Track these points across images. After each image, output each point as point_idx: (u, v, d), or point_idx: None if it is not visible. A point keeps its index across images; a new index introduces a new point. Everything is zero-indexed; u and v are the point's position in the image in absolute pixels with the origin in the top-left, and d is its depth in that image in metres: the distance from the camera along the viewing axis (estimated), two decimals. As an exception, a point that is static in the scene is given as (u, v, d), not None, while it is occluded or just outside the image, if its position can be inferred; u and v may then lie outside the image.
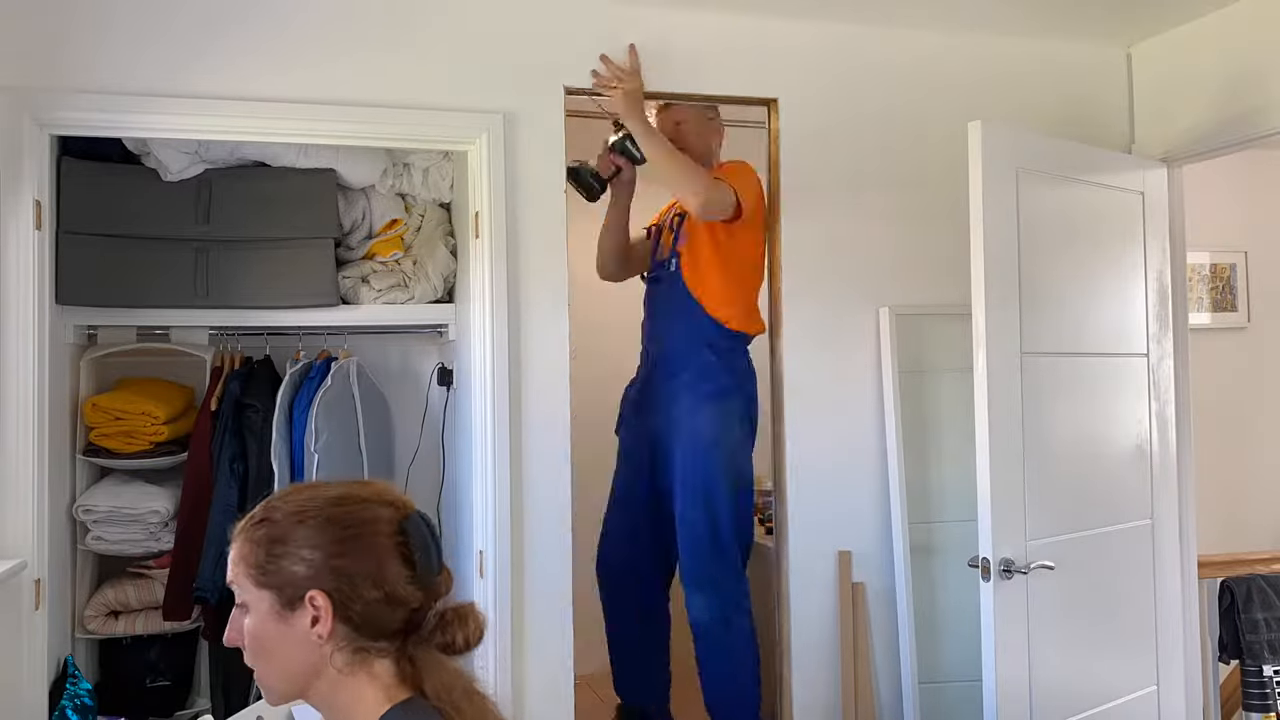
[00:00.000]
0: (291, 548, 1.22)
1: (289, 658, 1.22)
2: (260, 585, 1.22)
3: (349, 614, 1.21)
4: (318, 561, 1.21)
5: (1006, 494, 2.48)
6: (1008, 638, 2.46)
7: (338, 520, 1.24)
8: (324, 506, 1.25)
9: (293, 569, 1.21)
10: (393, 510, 1.26)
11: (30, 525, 2.34)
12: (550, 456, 2.70)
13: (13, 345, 2.34)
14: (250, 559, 1.23)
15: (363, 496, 1.28)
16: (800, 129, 2.92)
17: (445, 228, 3.13)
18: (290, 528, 1.23)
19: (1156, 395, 2.92)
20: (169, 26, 2.47)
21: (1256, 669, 3.11)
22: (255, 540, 1.24)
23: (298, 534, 1.22)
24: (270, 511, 1.26)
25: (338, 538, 1.22)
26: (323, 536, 1.22)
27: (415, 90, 2.62)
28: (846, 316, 2.95)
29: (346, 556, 1.22)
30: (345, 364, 2.92)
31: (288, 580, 1.21)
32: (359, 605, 1.21)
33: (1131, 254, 2.90)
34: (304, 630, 1.21)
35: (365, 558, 1.22)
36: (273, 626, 1.22)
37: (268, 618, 1.22)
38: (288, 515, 1.24)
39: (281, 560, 1.22)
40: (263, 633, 1.22)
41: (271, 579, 1.22)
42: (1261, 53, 2.76)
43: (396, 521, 1.25)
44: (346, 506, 1.26)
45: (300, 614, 1.21)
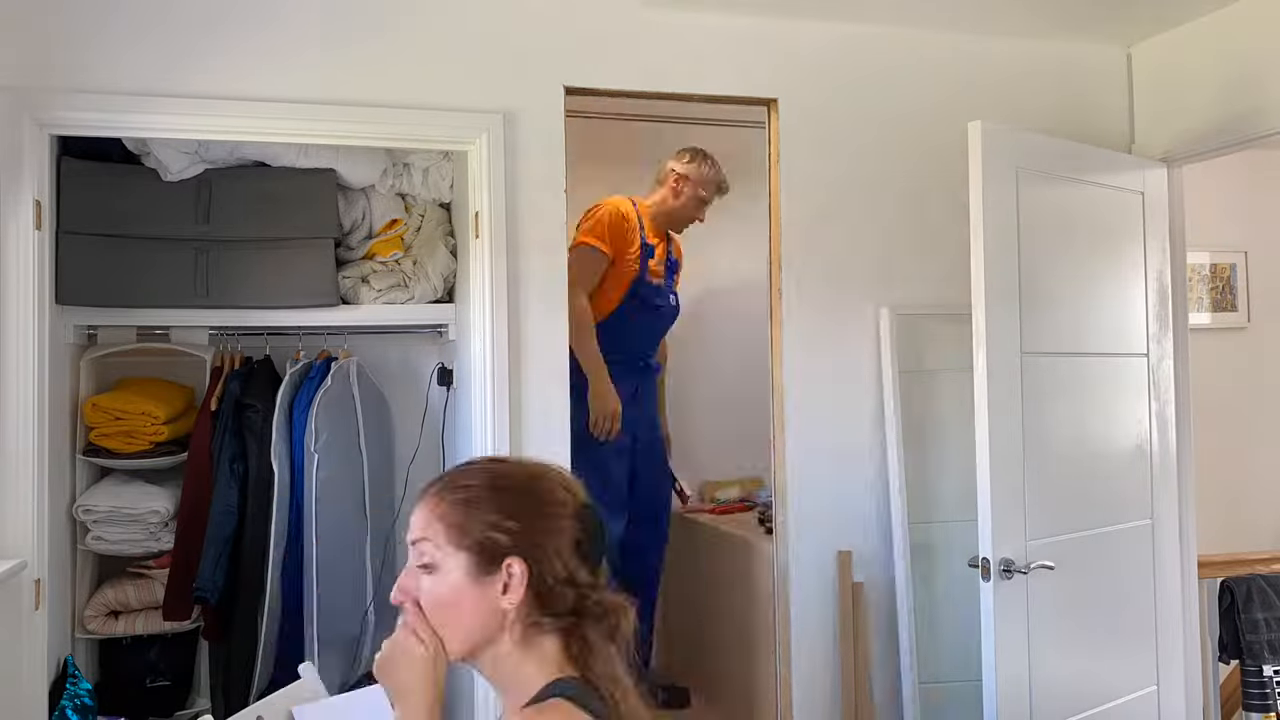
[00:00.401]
0: (493, 515, 1.24)
1: (474, 620, 1.23)
2: (459, 546, 1.23)
3: (540, 584, 1.23)
4: (517, 530, 1.23)
5: (1006, 494, 2.48)
6: (1008, 638, 2.46)
7: (534, 494, 1.27)
8: (521, 479, 1.29)
9: (493, 535, 1.23)
10: (572, 496, 1.30)
11: (30, 525, 2.34)
12: (550, 456, 2.68)
13: (13, 345, 2.34)
14: (451, 518, 1.24)
15: (551, 477, 1.31)
16: (800, 129, 2.92)
17: (445, 228, 3.13)
18: (491, 494, 1.26)
19: (1156, 395, 2.92)
20: (169, 26, 2.47)
21: (1256, 669, 3.11)
22: (456, 502, 1.25)
23: (499, 501, 1.25)
24: (465, 479, 1.28)
25: (535, 511, 1.25)
26: (520, 506, 1.25)
27: (415, 90, 2.62)
28: (846, 316, 2.95)
29: (542, 532, 1.24)
30: (345, 364, 2.92)
31: (488, 544, 1.23)
32: (550, 578, 1.23)
33: (1131, 254, 2.90)
34: (494, 596, 1.22)
35: (556, 535, 1.25)
36: (464, 588, 1.23)
37: (461, 579, 1.23)
38: (485, 485, 1.27)
39: (483, 526, 1.23)
40: (451, 594, 1.23)
41: (472, 541, 1.23)
42: (1261, 53, 2.76)
43: (576, 507, 1.29)
44: (542, 483, 1.29)
45: (494, 579, 1.22)
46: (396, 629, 1.28)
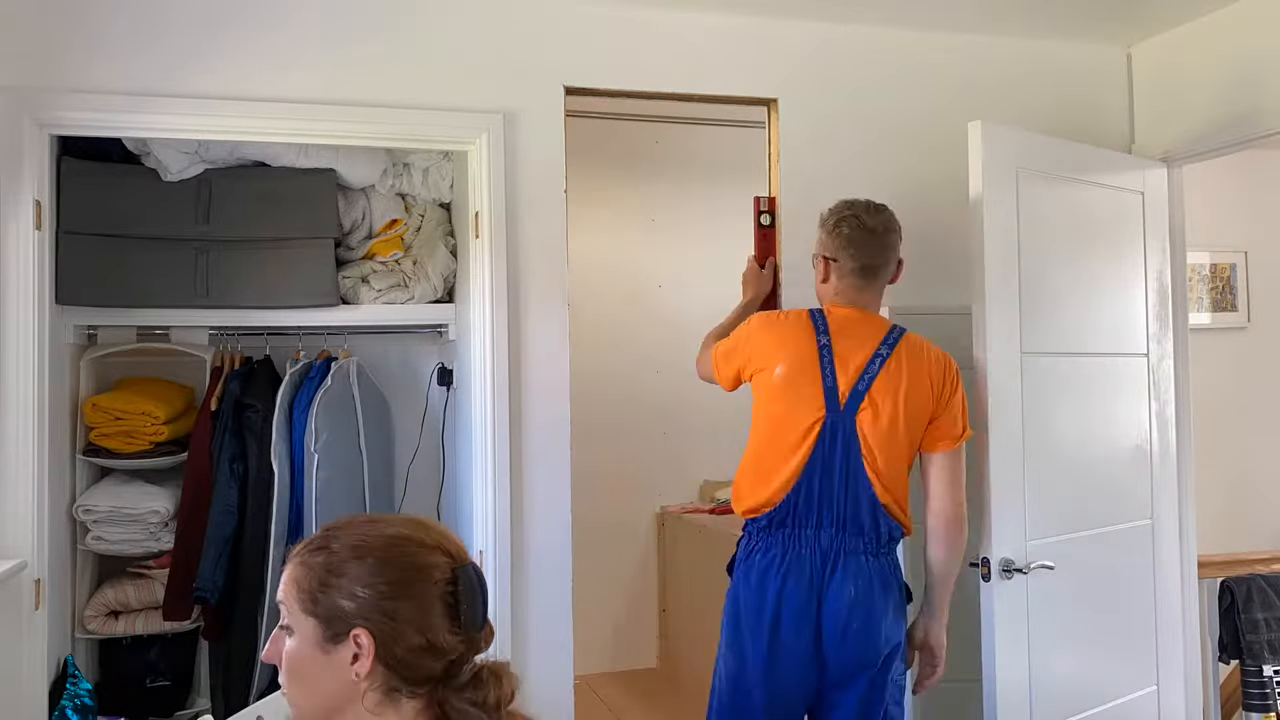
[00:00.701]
0: (345, 582, 1.22)
1: (323, 687, 1.22)
2: (308, 612, 1.22)
3: (390, 656, 1.20)
4: (368, 600, 1.21)
5: (1007, 494, 2.48)
6: (1008, 638, 2.46)
7: (394, 562, 1.23)
8: (383, 546, 1.25)
9: (342, 603, 1.21)
10: (447, 559, 1.26)
11: (30, 525, 2.34)
12: (550, 456, 2.70)
13: (13, 345, 2.34)
14: (303, 584, 1.23)
15: (421, 540, 1.27)
16: (800, 129, 2.92)
17: (445, 228, 3.13)
18: (346, 561, 1.23)
19: (1156, 395, 2.92)
20: (169, 26, 2.47)
21: (1256, 669, 3.11)
22: (310, 566, 1.24)
23: (353, 569, 1.22)
24: (330, 541, 1.26)
25: (391, 579, 1.22)
26: (377, 576, 1.22)
27: (415, 90, 2.62)
28: (846, 316, 2.94)
29: (396, 600, 1.21)
30: (345, 364, 2.92)
31: (336, 613, 1.21)
32: (400, 649, 1.21)
33: (1131, 254, 2.90)
34: (343, 664, 1.21)
35: (414, 603, 1.22)
36: (313, 655, 1.22)
37: (310, 645, 1.22)
38: (346, 548, 1.24)
39: (333, 592, 1.22)
40: (302, 659, 1.23)
41: (320, 609, 1.22)
42: (1261, 53, 2.76)
43: (450, 570, 1.25)
44: (405, 548, 1.25)
45: (343, 648, 1.21)
46: None
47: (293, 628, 1.24)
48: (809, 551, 2.24)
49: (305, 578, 1.23)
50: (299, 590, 1.23)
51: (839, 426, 2.25)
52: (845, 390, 2.26)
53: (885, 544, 2.27)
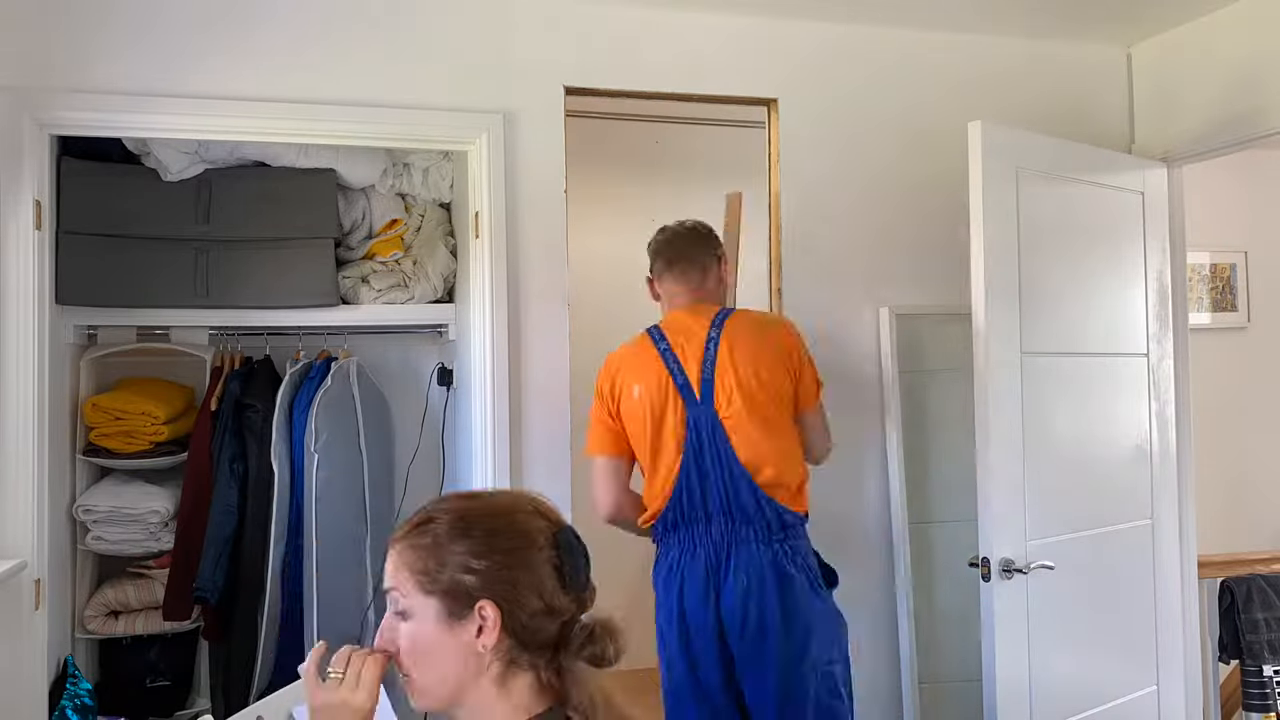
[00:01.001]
0: (459, 557, 1.22)
1: (451, 665, 1.22)
2: (427, 592, 1.22)
3: (514, 624, 1.21)
4: (486, 571, 1.21)
5: (1007, 494, 2.48)
6: (1008, 638, 2.46)
7: (502, 531, 1.25)
8: (487, 516, 1.26)
9: (462, 577, 1.21)
10: (547, 523, 1.28)
11: (30, 525, 2.34)
12: (550, 456, 2.70)
13: (13, 345, 2.34)
14: (416, 565, 1.23)
15: (521, 507, 1.29)
16: (800, 129, 2.92)
17: (445, 228, 3.13)
18: (457, 536, 1.23)
19: (1156, 395, 2.92)
20: (169, 26, 2.47)
21: (1256, 669, 3.11)
22: (420, 548, 1.24)
23: (463, 544, 1.23)
24: (434, 520, 1.26)
25: (504, 548, 1.23)
26: (488, 546, 1.23)
27: (415, 90, 2.62)
28: (847, 316, 2.95)
29: (513, 568, 1.22)
30: (345, 364, 2.92)
31: (457, 588, 1.21)
32: (524, 615, 1.22)
33: (1131, 254, 2.90)
34: (469, 639, 1.21)
35: (528, 569, 1.23)
36: (438, 634, 1.22)
37: (433, 625, 1.22)
38: (453, 523, 1.25)
39: (449, 569, 1.22)
40: (426, 640, 1.22)
41: (440, 586, 1.22)
42: (1261, 53, 2.76)
43: (551, 534, 1.27)
44: (508, 517, 1.27)
45: (467, 623, 1.21)
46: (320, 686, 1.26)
47: (409, 611, 1.23)
48: (702, 548, 2.27)
49: (418, 559, 1.23)
50: (413, 572, 1.23)
51: (701, 418, 2.28)
52: (696, 383, 2.30)
53: (778, 530, 2.26)
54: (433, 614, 1.22)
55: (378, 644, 1.27)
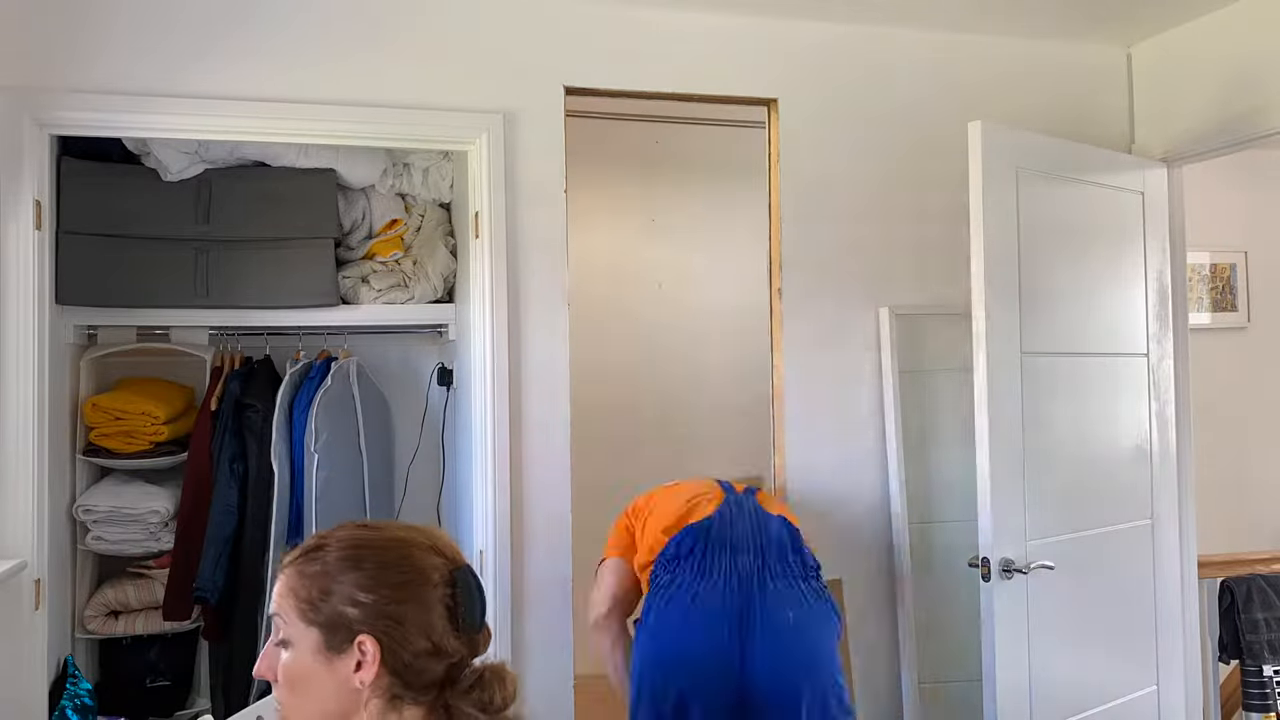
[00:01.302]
0: (345, 588, 1.18)
1: (325, 699, 1.18)
2: (309, 622, 1.19)
3: (395, 662, 1.17)
4: (371, 605, 1.18)
5: (1006, 494, 2.48)
6: (1008, 638, 2.46)
7: (393, 565, 1.21)
8: (380, 549, 1.22)
9: (345, 610, 1.18)
10: (443, 560, 1.24)
11: (30, 525, 2.34)
12: (550, 456, 2.70)
13: (13, 345, 2.34)
14: (300, 593, 1.20)
15: (417, 542, 1.25)
16: (800, 129, 2.92)
17: (445, 228, 3.13)
18: (345, 567, 1.20)
19: (1156, 395, 2.92)
20: (169, 26, 2.47)
21: (1256, 669, 3.11)
22: (307, 575, 1.20)
23: (352, 575, 1.19)
24: (324, 548, 1.22)
25: (392, 582, 1.19)
26: (377, 580, 1.19)
27: (415, 90, 2.62)
28: (846, 316, 2.95)
29: (400, 603, 1.18)
30: (345, 364, 2.92)
31: (339, 621, 1.18)
32: (406, 654, 1.18)
33: (1131, 254, 2.90)
34: (347, 673, 1.18)
35: (417, 606, 1.19)
36: (314, 666, 1.18)
37: (311, 656, 1.18)
38: (343, 553, 1.21)
39: (334, 599, 1.18)
40: (302, 671, 1.19)
41: (322, 617, 1.18)
42: (1261, 53, 2.76)
43: (448, 571, 1.23)
44: (401, 551, 1.23)
45: (346, 657, 1.18)
46: None
47: (290, 640, 1.20)
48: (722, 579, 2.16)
49: (303, 587, 1.20)
50: (297, 600, 1.20)
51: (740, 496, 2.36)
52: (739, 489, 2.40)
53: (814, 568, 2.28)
54: (311, 644, 1.18)
55: (257, 670, 1.24)
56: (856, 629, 2.90)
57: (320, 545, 1.23)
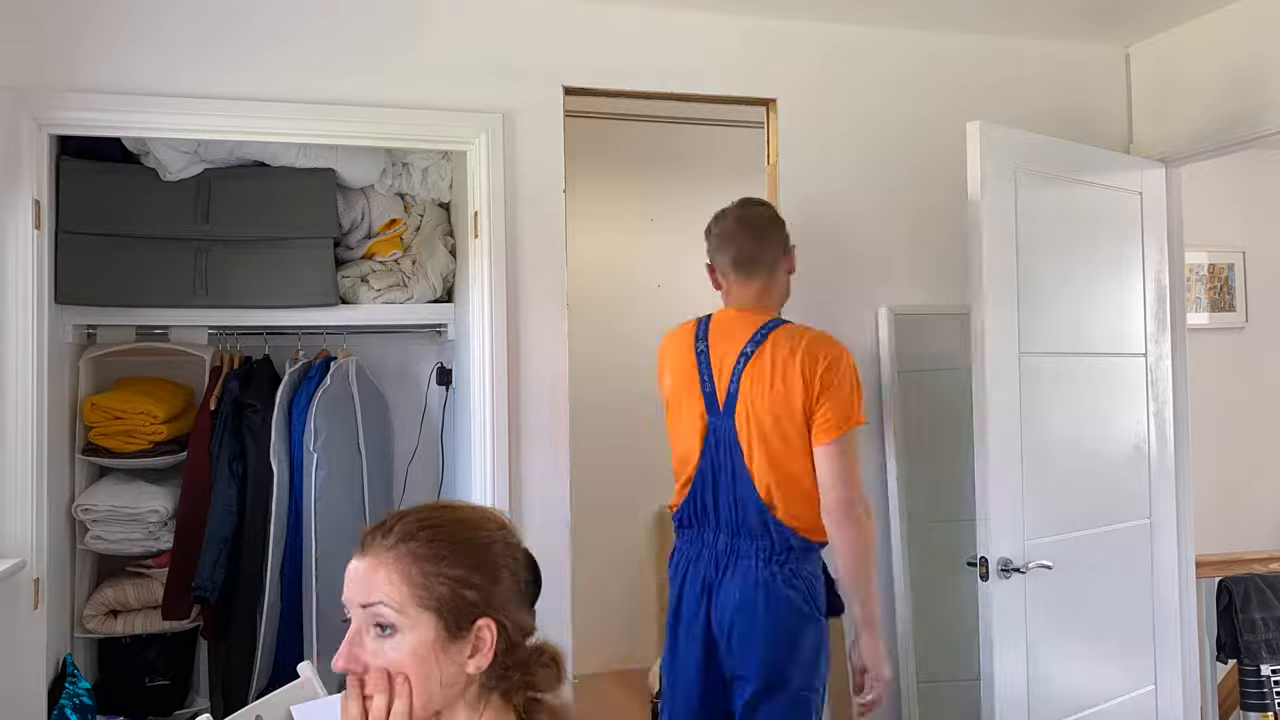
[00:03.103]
0: (459, 570, 1.13)
1: (433, 690, 1.11)
2: (424, 606, 1.11)
3: (505, 646, 1.13)
4: (485, 587, 1.13)
5: (1005, 494, 2.49)
6: (1006, 637, 2.46)
7: (490, 544, 1.16)
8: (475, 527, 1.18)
9: (464, 593, 1.12)
10: (517, 539, 1.22)
11: (29, 524, 2.34)
12: (549, 455, 2.70)
13: (12, 345, 2.34)
14: (414, 578, 1.12)
15: (499, 522, 1.22)
16: (800, 129, 2.92)
17: (444, 227, 3.13)
18: (454, 549, 1.14)
19: (1154, 395, 2.93)
20: (168, 26, 2.47)
21: (1254, 668, 3.11)
22: (420, 557, 1.12)
23: (462, 556, 1.14)
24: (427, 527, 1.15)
25: (495, 563, 1.15)
26: (483, 560, 1.15)
27: (415, 90, 2.62)
28: (846, 316, 2.95)
29: (506, 586, 1.15)
30: (344, 363, 2.92)
31: (458, 604, 1.12)
32: (516, 636, 1.14)
33: (1129, 254, 2.91)
34: (462, 660, 1.12)
35: (512, 586, 1.16)
36: (430, 653, 1.11)
37: (428, 643, 1.11)
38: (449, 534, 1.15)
39: (450, 582, 1.12)
40: (416, 660, 1.10)
41: (437, 601, 1.12)
42: (1260, 53, 2.76)
43: (522, 551, 1.20)
44: (489, 531, 1.19)
45: (463, 642, 1.12)
46: None
47: (399, 626, 1.11)
48: (708, 552, 2.24)
49: (419, 571, 1.12)
50: (411, 585, 1.11)
51: (721, 429, 2.23)
52: (722, 393, 2.24)
53: (783, 552, 2.18)
54: (428, 630, 1.11)
55: (341, 664, 1.13)
56: (855, 628, 2.90)
57: (418, 525, 1.15)
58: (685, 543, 2.31)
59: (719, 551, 2.23)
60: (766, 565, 2.17)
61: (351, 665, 1.12)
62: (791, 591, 2.17)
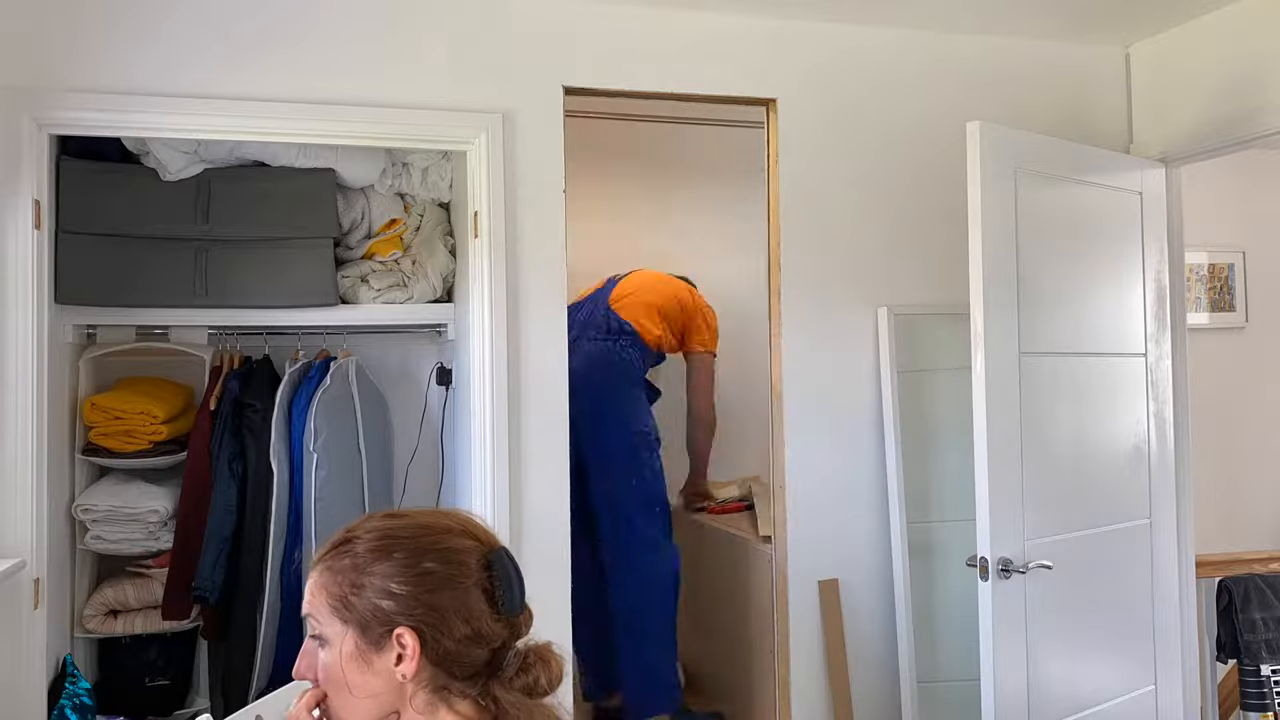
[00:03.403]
0: (378, 580, 1.15)
1: (370, 696, 1.15)
2: (344, 620, 1.16)
3: (437, 651, 1.14)
4: (406, 595, 1.14)
5: (1005, 494, 2.48)
6: (1006, 637, 2.46)
7: (425, 551, 1.17)
8: (411, 536, 1.19)
9: (380, 603, 1.14)
10: (477, 543, 1.21)
11: (29, 524, 2.34)
12: (549, 455, 2.70)
13: (12, 345, 2.34)
14: (333, 590, 1.16)
15: (448, 527, 1.22)
16: (800, 129, 2.92)
17: (444, 227, 3.13)
18: (375, 558, 1.16)
19: (1154, 395, 2.93)
20: (168, 26, 2.47)
21: (1254, 668, 3.11)
22: (338, 571, 1.17)
23: (383, 566, 1.16)
24: (353, 540, 1.19)
25: (426, 570, 1.16)
26: (411, 569, 1.15)
27: (415, 90, 2.62)
28: (846, 316, 2.95)
29: (435, 591, 1.15)
30: (344, 363, 2.92)
31: (374, 615, 1.14)
32: (449, 642, 1.14)
33: (1129, 254, 2.91)
34: (388, 669, 1.15)
35: (455, 593, 1.16)
36: (355, 663, 1.15)
37: (350, 654, 1.15)
38: (372, 545, 1.17)
39: (367, 593, 1.15)
40: (343, 669, 1.15)
41: (356, 613, 1.15)
42: (1260, 53, 2.76)
43: (483, 555, 1.20)
44: (433, 537, 1.19)
45: (386, 651, 1.15)
46: None
47: (327, 638, 1.17)
48: None
49: (334, 583, 1.16)
50: (330, 597, 1.16)
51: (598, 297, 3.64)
52: None
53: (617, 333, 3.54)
54: (349, 642, 1.15)
55: (296, 671, 1.20)
56: (855, 628, 2.91)
57: (348, 538, 1.20)
58: None
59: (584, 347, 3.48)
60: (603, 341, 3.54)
61: (305, 674, 1.19)
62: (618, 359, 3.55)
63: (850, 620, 2.90)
